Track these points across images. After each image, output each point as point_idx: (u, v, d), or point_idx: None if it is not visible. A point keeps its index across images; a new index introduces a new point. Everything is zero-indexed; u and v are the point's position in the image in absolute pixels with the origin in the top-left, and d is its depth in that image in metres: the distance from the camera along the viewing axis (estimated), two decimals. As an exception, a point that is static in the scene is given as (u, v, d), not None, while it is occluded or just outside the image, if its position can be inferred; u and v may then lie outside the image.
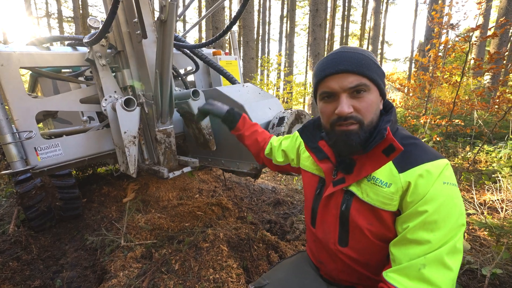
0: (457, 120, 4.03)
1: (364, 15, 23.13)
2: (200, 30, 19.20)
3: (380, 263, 0.81)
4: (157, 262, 1.71)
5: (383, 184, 0.75)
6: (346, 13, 22.97)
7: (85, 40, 1.55)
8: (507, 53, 4.12)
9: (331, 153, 0.90)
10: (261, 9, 20.57)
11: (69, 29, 20.39)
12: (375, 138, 0.74)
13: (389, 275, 0.70)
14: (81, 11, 15.51)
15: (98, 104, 1.81)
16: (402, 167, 0.74)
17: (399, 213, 0.74)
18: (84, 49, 1.80)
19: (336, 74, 0.74)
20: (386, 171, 0.76)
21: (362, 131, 0.75)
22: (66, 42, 1.87)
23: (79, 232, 2.35)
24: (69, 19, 19.74)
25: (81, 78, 2.31)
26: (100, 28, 1.37)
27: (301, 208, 2.82)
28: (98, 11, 21.06)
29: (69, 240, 2.26)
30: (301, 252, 1.20)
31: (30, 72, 2.39)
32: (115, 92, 1.69)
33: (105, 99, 1.65)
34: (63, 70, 2.46)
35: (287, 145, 1.21)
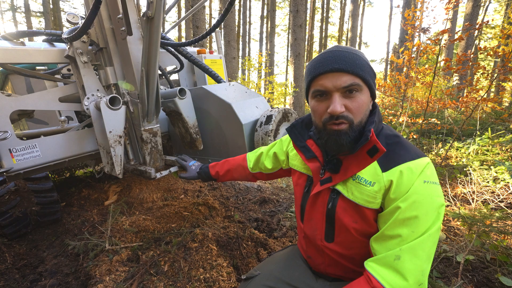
0: (433, 119, 4.26)
1: (342, 17, 23.79)
2: (179, 29, 18.83)
3: (365, 257, 0.84)
4: (145, 264, 1.66)
5: (367, 183, 0.78)
6: (325, 15, 23.52)
7: (64, 36, 1.48)
8: (472, 55, 4.43)
9: (319, 152, 0.92)
10: (241, 9, 20.53)
11: (38, 24, 19.22)
12: (360, 139, 0.76)
13: (368, 264, 0.74)
14: (51, 6, 14.68)
15: (79, 103, 1.74)
16: (385, 166, 0.77)
17: (381, 210, 0.78)
18: (62, 45, 1.72)
19: (331, 73, 0.73)
20: (371, 171, 0.79)
21: (351, 130, 0.76)
22: (42, 38, 1.78)
23: (58, 238, 2.23)
24: (38, 14, 18.58)
25: (57, 76, 2.20)
26: (82, 23, 1.32)
27: (287, 206, 2.86)
28: (70, 7, 20.01)
29: (47, 246, 2.14)
30: (292, 245, 1.23)
31: (0, 68, 2.24)
32: (97, 90, 1.63)
33: (87, 98, 1.59)
34: (37, 68, 2.33)
35: (276, 149, 1.23)
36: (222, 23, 9.09)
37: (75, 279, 1.74)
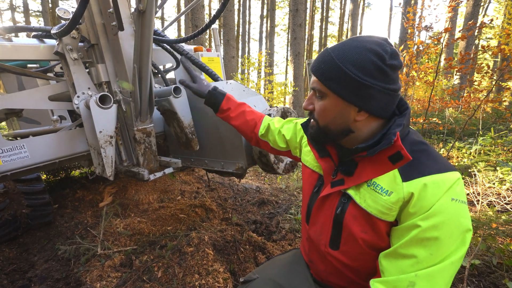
0: (434, 119, 4.19)
1: (341, 17, 23.76)
2: (179, 29, 18.80)
3: (371, 270, 0.78)
4: (138, 270, 1.60)
5: (384, 191, 0.70)
6: (324, 14, 23.48)
7: (53, 32, 1.41)
8: (473, 54, 4.37)
9: (334, 151, 0.85)
10: (241, 8, 20.47)
11: (37, 24, 19.16)
12: (380, 142, 0.69)
13: (375, 285, 0.66)
14: (50, 5, 14.62)
15: (70, 102, 1.67)
16: (407, 176, 0.68)
17: (396, 223, 0.70)
18: (53, 42, 1.65)
19: (312, 73, 0.77)
20: (389, 178, 0.70)
21: (317, 129, 0.79)
22: (32, 34, 1.71)
23: (50, 241, 2.16)
24: (37, 13, 18.53)
25: (50, 75, 2.13)
26: (71, 18, 1.25)
27: (286, 207, 2.80)
28: (69, 6, 19.95)
29: (38, 250, 2.07)
30: (294, 250, 1.17)
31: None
32: (88, 88, 1.56)
33: (78, 96, 1.52)
34: (29, 65, 2.27)
35: (289, 132, 1.13)
36: (222, 22, 9.05)
37: (66, 285, 1.67)
